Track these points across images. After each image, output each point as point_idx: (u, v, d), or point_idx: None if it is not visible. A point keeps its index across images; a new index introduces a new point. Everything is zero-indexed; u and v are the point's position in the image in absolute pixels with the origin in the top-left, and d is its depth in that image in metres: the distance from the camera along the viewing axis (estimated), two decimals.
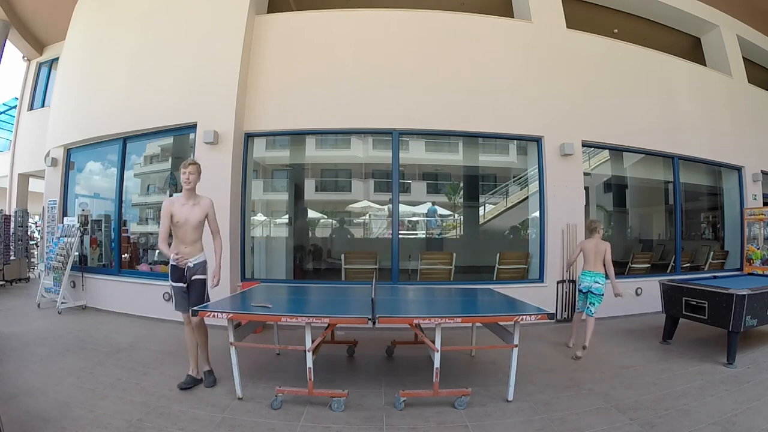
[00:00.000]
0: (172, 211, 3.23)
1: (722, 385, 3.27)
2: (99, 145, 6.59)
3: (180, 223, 3.22)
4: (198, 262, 3.32)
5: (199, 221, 3.28)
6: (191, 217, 3.24)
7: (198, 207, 3.30)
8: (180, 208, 3.25)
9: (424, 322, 2.91)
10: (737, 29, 7.99)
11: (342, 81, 5.67)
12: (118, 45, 6.35)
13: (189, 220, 3.23)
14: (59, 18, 7.90)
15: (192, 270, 3.27)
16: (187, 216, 3.23)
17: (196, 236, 3.30)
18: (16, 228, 8.99)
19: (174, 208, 3.24)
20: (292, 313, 2.95)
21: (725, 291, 3.85)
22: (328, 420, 2.69)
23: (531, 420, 2.71)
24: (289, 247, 7.48)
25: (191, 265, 3.25)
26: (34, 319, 5.47)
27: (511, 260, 6.09)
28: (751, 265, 7.01)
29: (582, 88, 6.13)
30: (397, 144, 5.69)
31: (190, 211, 3.25)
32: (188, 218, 3.23)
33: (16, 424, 2.47)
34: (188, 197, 3.27)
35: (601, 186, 8.36)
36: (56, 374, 3.40)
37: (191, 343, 3.28)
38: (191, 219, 3.24)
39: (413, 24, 5.91)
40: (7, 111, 13.40)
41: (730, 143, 7.35)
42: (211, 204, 3.38)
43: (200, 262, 3.34)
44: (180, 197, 3.33)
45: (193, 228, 3.27)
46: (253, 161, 6.06)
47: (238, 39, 5.58)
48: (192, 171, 3.24)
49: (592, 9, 7.24)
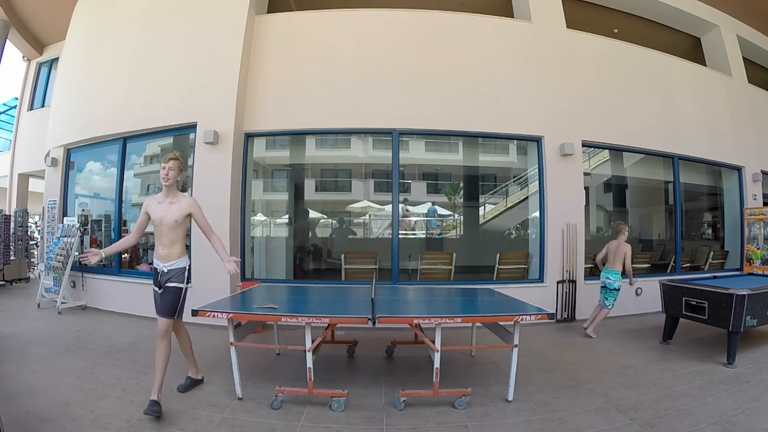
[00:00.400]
0: (148, 209, 3.02)
1: (722, 385, 3.27)
2: (99, 145, 6.59)
3: (156, 222, 3.00)
4: (174, 268, 2.97)
5: (175, 221, 2.97)
6: (167, 216, 2.96)
7: (175, 206, 2.99)
8: (156, 207, 3.01)
9: (424, 322, 2.91)
10: (737, 29, 7.99)
11: (342, 81, 5.67)
12: (118, 45, 6.35)
13: (164, 220, 2.96)
14: (59, 18, 7.90)
15: (166, 275, 2.97)
16: (162, 215, 2.96)
17: (173, 237, 2.99)
18: (16, 228, 8.99)
19: (151, 207, 3.02)
20: (292, 313, 2.95)
21: (725, 291, 3.85)
22: (328, 420, 2.69)
23: (531, 420, 2.71)
24: (289, 247, 7.48)
25: (165, 270, 2.96)
26: (34, 319, 5.47)
27: (511, 260, 6.09)
28: (751, 265, 7.01)
29: (582, 88, 6.14)
30: (397, 144, 5.69)
31: (166, 210, 2.97)
32: (163, 217, 2.96)
33: (16, 424, 2.47)
34: (166, 195, 3.00)
35: (601, 186, 8.37)
36: (56, 374, 3.40)
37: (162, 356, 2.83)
38: (166, 218, 2.96)
39: (413, 24, 5.91)
40: (7, 111, 13.40)
41: (730, 143, 7.35)
42: (193, 203, 3.07)
43: (177, 268, 2.98)
44: (158, 196, 3.07)
45: (169, 228, 2.97)
46: (253, 161, 6.07)
47: (238, 39, 5.58)
48: (172, 167, 2.95)
49: (592, 9, 7.24)
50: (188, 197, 3.13)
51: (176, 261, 3.00)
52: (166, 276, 2.95)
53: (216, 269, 5.36)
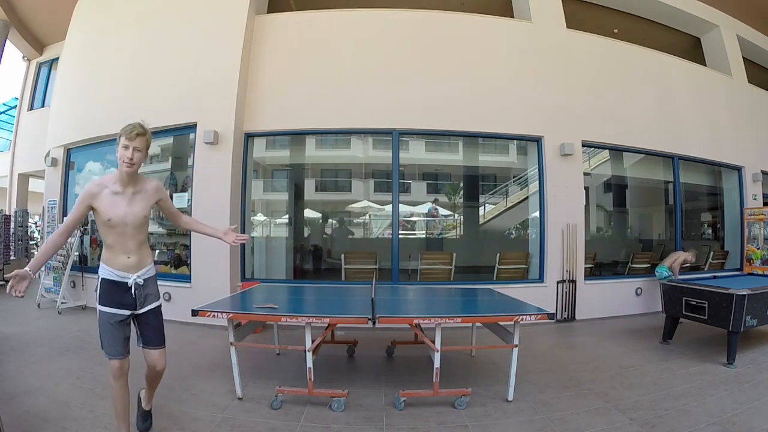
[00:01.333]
0: (94, 203, 2.09)
1: (722, 385, 3.26)
2: (99, 145, 6.58)
3: (113, 222, 2.10)
4: (150, 276, 2.25)
5: (144, 216, 2.19)
6: (132, 213, 2.14)
7: (141, 196, 2.19)
8: (109, 200, 2.10)
9: (424, 322, 2.91)
10: (737, 29, 7.98)
11: (342, 81, 5.67)
12: (118, 45, 6.34)
13: (128, 218, 2.13)
14: (59, 18, 7.89)
15: (144, 289, 2.20)
16: (125, 213, 2.12)
17: (141, 237, 2.23)
18: (16, 228, 8.98)
19: (99, 200, 2.09)
20: (292, 313, 2.95)
21: (725, 291, 3.85)
22: (328, 420, 2.69)
23: (531, 420, 2.71)
24: (289, 247, 7.48)
25: (141, 281, 2.18)
26: (34, 319, 5.48)
27: (511, 260, 6.09)
28: (751, 265, 7.01)
29: (582, 88, 6.13)
30: (397, 144, 5.69)
31: (129, 205, 2.14)
32: (126, 216, 2.12)
33: (16, 424, 2.47)
34: (125, 183, 2.15)
35: (601, 186, 8.36)
36: (56, 374, 3.39)
37: (121, 401, 2.19)
38: (132, 216, 2.14)
39: (413, 24, 5.91)
40: (7, 111, 13.40)
41: (730, 143, 7.35)
42: (160, 185, 2.33)
43: (153, 276, 2.28)
44: (109, 181, 2.15)
45: (136, 228, 2.17)
46: (253, 161, 6.06)
47: (238, 39, 5.58)
48: (139, 146, 2.10)
49: (592, 9, 7.24)
50: (152, 180, 2.33)
51: (150, 266, 2.27)
52: (144, 290, 2.20)
53: (216, 269, 5.43)
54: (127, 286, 2.16)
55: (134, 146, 2.09)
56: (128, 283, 2.16)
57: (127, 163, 2.09)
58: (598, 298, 5.89)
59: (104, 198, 2.10)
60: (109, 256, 2.19)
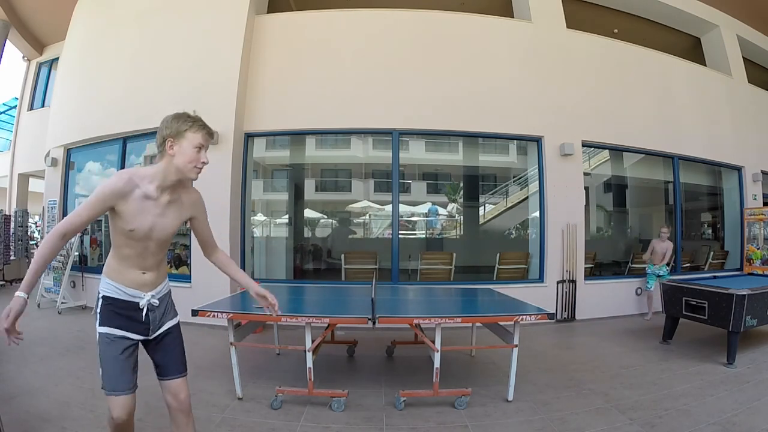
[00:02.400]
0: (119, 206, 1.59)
1: (722, 385, 3.26)
2: (99, 145, 6.59)
3: (137, 234, 1.63)
4: (165, 293, 1.83)
5: (173, 232, 1.76)
6: (161, 225, 1.68)
7: (176, 207, 1.73)
8: (139, 207, 1.61)
9: (424, 322, 2.91)
10: (737, 29, 7.99)
11: (342, 81, 5.67)
12: (118, 45, 6.34)
13: (155, 232, 1.67)
14: (59, 18, 7.89)
15: (160, 309, 1.77)
16: (153, 224, 1.65)
17: (162, 254, 1.80)
18: (16, 228, 8.98)
19: (128, 204, 1.59)
20: (292, 313, 2.95)
21: (725, 291, 3.85)
22: (328, 420, 2.69)
23: (531, 420, 2.71)
24: (289, 247, 7.49)
25: (156, 301, 1.75)
26: (34, 319, 5.47)
27: (511, 260, 6.09)
28: (751, 265, 7.01)
29: (582, 88, 6.14)
30: (397, 144, 5.69)
31: (160, 215, 1.67)
32: (154, 228, 1.66)
33: (16, 424, 2.47)
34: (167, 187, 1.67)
35: (601, 186, 8.38)
36: (56, 374, 3.40)
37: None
38: (159, 229, 1.68)
39: (413, 24, 5.91)
40: (7, 111, 13.40)
41: (729, 143, 7.35)
42: (199, 200, 1.86)
43: (167, 293, 1.86)
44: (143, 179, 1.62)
45: (161, 244, 1.73)
46: (253, 161, 6.07)
47: (238, 39, 5.57)
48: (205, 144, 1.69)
49: (592, 9, 7.24)
50: (194, 190, 1.84)
51: (166, 282, 1.85)
52: (160, 310, 1.78)
53: (216, 269, 5.39)
54: (138, 306, 1.70)
55: (205, 149, 1.68)
56: (140, 303, 1.70)
57: (200, 169, 1.69)
58: (598, 298, 5.90)
59: (133, 201, 1.60)
60: (118, 269, 1.69)
